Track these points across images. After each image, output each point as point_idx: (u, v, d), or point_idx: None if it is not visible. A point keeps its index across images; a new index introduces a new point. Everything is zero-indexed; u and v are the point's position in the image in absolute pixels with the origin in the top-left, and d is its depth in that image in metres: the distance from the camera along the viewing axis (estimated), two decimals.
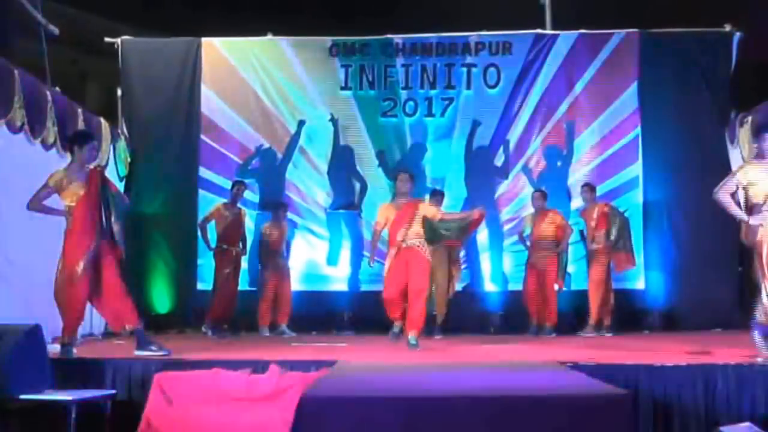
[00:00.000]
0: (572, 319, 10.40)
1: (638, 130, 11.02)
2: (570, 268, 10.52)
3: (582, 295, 10.27)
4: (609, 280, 10.07)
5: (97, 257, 6.95)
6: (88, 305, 7.17)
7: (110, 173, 9.69)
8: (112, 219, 7.08)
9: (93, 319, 8.85)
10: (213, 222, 10.02)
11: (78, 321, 7.08)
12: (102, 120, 9.93)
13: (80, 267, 6.84)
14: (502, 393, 4.93)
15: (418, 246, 8.01)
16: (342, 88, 11.35)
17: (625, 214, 10.33)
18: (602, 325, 9.91)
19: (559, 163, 11.16)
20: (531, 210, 10.45)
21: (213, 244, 9.98)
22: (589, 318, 9.95)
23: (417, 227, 8.03)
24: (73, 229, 6.93)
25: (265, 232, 10.37)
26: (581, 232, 10.36)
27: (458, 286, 10.64)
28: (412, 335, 7.90)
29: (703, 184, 10.63)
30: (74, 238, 6.91)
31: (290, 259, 10.68)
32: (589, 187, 10.36)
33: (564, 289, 10.28)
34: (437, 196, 9.99)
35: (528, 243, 10.29)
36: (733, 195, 6.75)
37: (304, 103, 11.34)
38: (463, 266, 10.79)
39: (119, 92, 11.15)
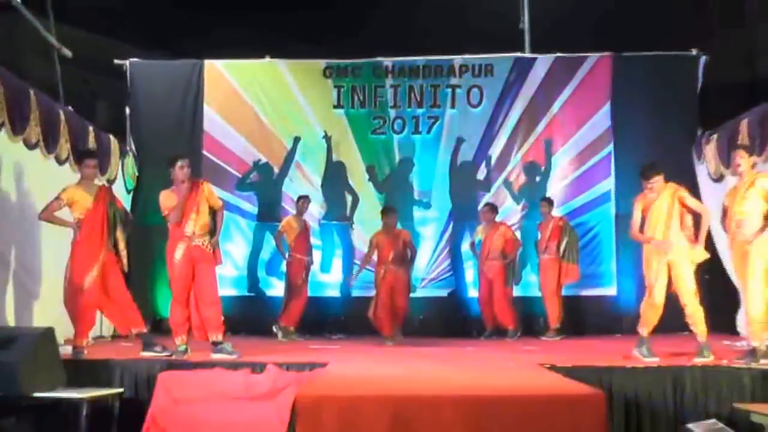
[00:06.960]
0: (530, 323, 10.52)
1: (611, 147, 11.03)
2: (531, 278, 10.71)
3: (533, 302, 10.52)
4: (560, 287, 10.16)
5: (104, 267, 7.00)
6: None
7: (119, 187, 9.74)
8: (117, 232, 7.15)
9: (103, 323, 8.85)
10: (284, 235, 9.99)
11: (89, 326, 7.13)
12: (111, 137, 9.94)
13: (89, 277, 6.89)
14: (483, 392, 4.97)
15: None
16: (335, 107, 11.36)
17: (576, 231, 10.38)
18: (559, 329, 10.00)
19: (537, 178, 11.19)
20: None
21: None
22: (548, 322, 10.11)
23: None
24: (81, 241, 6.99)
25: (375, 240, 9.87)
26: (536, 243, 10.44)
27: (444, 293, 11.04)
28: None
29: None
30: (82, 249, 6.97)
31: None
32: (546, 201, 10.40)
33: (513, 295, 10.36)
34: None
35: (478, 251, 10.40)
36: None
37: (300, 121, 11.34)
38: (448, 273, 11.03)
39: (127, 110, 11.15)
